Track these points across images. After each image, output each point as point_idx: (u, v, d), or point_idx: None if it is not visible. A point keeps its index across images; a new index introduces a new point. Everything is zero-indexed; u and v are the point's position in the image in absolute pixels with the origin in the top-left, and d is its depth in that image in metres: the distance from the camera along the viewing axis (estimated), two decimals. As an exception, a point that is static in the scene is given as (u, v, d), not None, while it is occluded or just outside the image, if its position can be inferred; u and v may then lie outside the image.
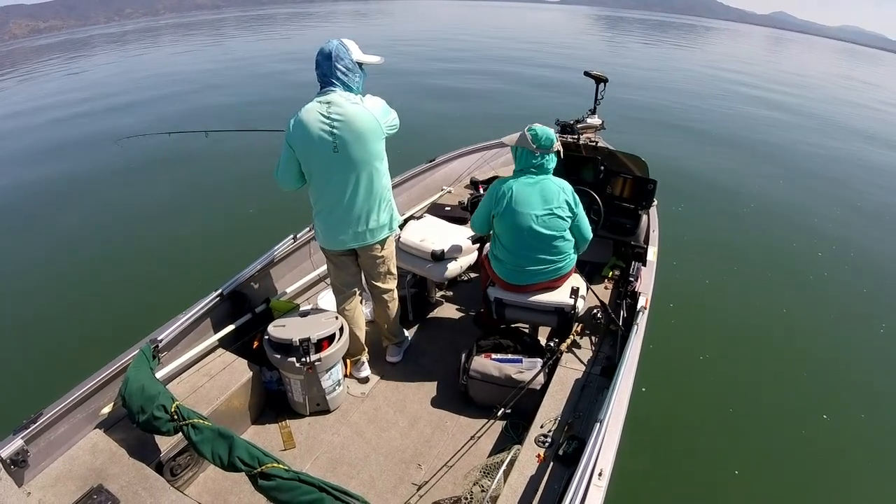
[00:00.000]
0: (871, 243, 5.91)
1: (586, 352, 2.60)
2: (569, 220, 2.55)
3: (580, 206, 2.60)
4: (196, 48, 26.41)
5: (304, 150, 2.25)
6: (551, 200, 2.49)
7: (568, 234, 2.58)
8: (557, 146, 2.53)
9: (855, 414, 3.42)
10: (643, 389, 3.23)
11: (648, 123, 10.32)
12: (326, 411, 2.56)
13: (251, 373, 2.44)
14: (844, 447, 3.20)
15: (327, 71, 2.22)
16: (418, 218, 3.26)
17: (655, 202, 3.37)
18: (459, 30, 33.88)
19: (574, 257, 2.66)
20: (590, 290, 2.84)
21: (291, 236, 3.10)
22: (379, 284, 2.67)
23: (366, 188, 2.36)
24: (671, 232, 3.61)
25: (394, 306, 2.78)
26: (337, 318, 2.51)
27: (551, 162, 2.54)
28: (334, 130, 2.21)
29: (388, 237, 2.56)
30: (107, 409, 2.09)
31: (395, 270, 2.72)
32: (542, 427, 2.14)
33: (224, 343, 2.59)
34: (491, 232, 2.71)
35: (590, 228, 2.67)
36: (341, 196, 2.34)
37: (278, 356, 2.35)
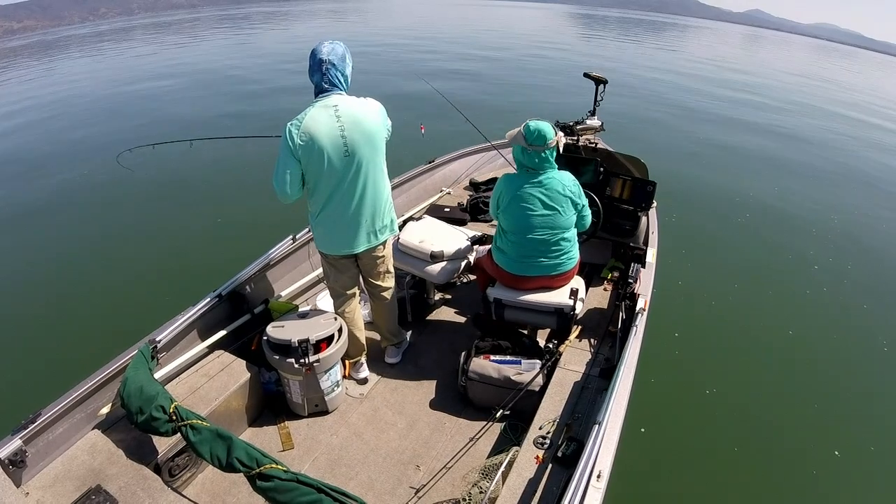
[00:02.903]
0: (868, 254, 5.83)
1: (585, 353, 2.60)
2: (572, 216, 2.55)
3: (584, 198, 2.59)
4: (172, 48, 26.02)
5: (314, 158, 2.18)
6: (554, 199, 2.48)
7: (570, 232, 2.58)
8: (553, 141, 2.43)
9: (865, 447, 3.25)
10: (642, 390, 3.23)
11: (638, 125, 10.29)
12: (325, 412, 2.56)
13: (250, 374, 2.44)
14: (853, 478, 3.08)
15: (337, 73, 2.19)
16: (417, 219, 3.26)
17: (655, 204, 3.37)
18: (440, 28, 33.75)
19: (577, 257, 2.66)
20: (589, 292, 2.84)
21: (290, 237, 3.10)
22: (379, 283, 2.67)
23: (373, 189, 2.36)
24: (668, 239, 3.57)
25: (392, 305, 2.78)
26: (336, 319, 2.51)
27: (550, 156, 2.48)
28: (344, 133, 2.19)
29: (389, 237, 2.57)
30: (105, 410, 2.09)
31: (392, 269, 2.73)
32: (540, 428, 2.14)
33: (223, 344, 2.59)
34: (496, 228, 2.72)
35: (588, 221, 2.67)
36: (350, 200, 2.32)
37: (277, 357, 2.34)
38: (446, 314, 3.33)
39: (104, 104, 12.47)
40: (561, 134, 2.51)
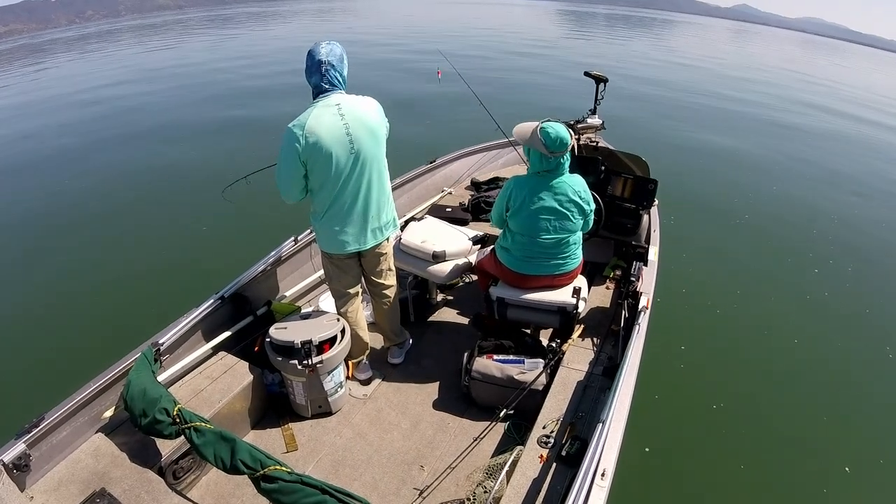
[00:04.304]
0: (867, 256, 5.74)
1: (588, 352, 2.60)
2: (580, 222, 2.55)
3: (592, 203, 2.57)
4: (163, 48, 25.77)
5: (322, 157, 2.16)
6: (564, 205, 2.46)
7: (577, 235, 2.59)
8: (572, 143, 2.42)
9: (874, 461, 3.16)
10: (645, 389, 3.21)
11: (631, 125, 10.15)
12: (328, 413, 2.56)
13: (253, 375, 2.44)
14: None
15: (336, 73, 2.19)
16: (419, 219, 3.26)
17: (656, 202, 3.37)
18: (428, 28, 33.57)
19: (580, 257, 2.67)
20: (591, 291, 2.84)
21: (292, 238, 3.10)
22: (381, 282, 2.67)
23: (378, 186, 2.37)
24: (667, 242, 3.50)
25: (395, 305, 2.78)
26: (338, 320, 2.51)
27: (566, 161, 2.46)
28: (350, 131, 2.18)
29: (392, 233, 2.58)
30: (109, 413, 2.09)
31: (393, 267, 2.73)
32: (544, 428, 2.14)
33: (225, 346, 2.59)
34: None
35: (591, 223, 2.66)
36: (356, 198, 2.31)
37: (280, 358, 2.35)
38: (449, 314, 3.33)
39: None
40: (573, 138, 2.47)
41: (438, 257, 2.89)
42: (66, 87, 16.37)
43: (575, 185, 2.49)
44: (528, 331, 2.86)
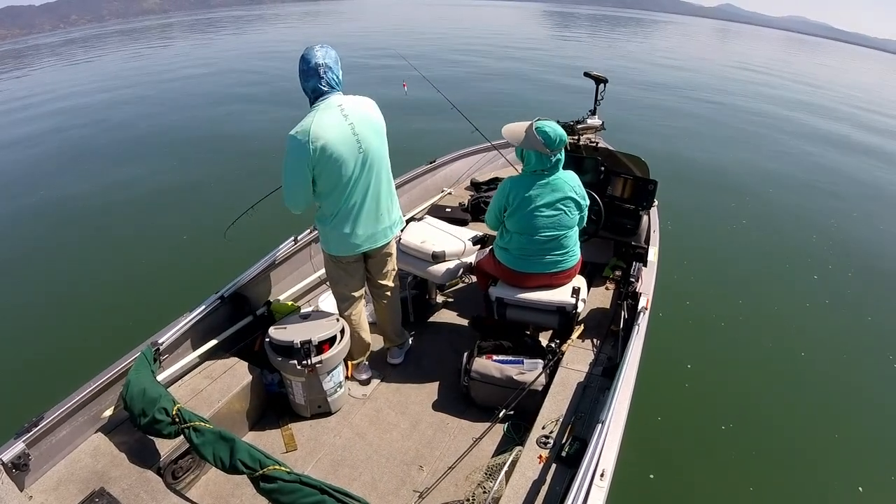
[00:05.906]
0: (867, 261, 5.67)
1: (587, 353, 2.60)
2: (577, 217, 2.57)
3: (587, 199, 2.60)
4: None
5: (331, 161, 2.13)
6: (561, 201, 2.49)
7: (574, 231, 2.60)
8: (568, 139, 2.46)
9: (887, 478, 3.06)
10: (645, 389, 3.19)
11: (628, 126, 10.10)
12: (328, 413, 2.56)
13: (252, 375, 2.44)
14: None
15: (333, 75, 2.16)
16: (419, 219, 3.27)
17: (656, 202, 3.37)
18: (417, 29, 33.55)
19: (578, 254, 2.67)
20: (591, 291, 2.83)
21: (292, 238, 3.10)
22: (385, 283, 2.67)
23: (386, 184, 2.38)
24: (666, 247, 3.46)
25: (396, 305, 2.79)
26: (338, 320, 2.51)
27: (562, 157, 2.48)
28: (356, 130, 2.17)
29: (398, 232, 2.58)
30: (108, 413, 2.09)
31: (396, 267, 2.74)
32: (543, 428, 2.14)
33: (225, 346, 2.59)
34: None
35: (585, 219, 2.68)
36: (365, 198, 2.30)
37: (279, 358, 2.35)
38: (448, 315, 3.33)
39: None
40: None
41: (438, 257, 2.89)
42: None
43: (570, 180, 2.52)
44: (528, 331, 2.87)
